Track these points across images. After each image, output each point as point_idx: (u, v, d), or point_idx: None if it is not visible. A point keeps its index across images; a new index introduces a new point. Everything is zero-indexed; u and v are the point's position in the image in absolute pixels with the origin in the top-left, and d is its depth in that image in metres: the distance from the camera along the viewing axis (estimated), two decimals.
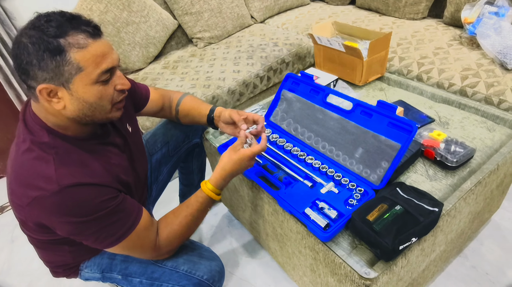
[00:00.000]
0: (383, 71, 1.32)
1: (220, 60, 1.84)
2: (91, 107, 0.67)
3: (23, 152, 0.66)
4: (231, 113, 0.94)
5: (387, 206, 0.76)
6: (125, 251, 0.76)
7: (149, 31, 1.89)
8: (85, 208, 0.65)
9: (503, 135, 1.00)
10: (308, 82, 1.05)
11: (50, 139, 0.67)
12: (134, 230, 0.73)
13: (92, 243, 0.71)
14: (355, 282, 0.72)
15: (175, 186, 1.43)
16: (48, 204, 0.63)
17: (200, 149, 1.26)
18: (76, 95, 0.64)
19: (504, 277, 1.11)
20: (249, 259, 1.30)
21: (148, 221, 0.77)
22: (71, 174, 0.65)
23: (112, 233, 0.71)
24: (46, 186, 0.63)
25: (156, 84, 1.72)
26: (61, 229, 0.68)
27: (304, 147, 1.02)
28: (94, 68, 0.63)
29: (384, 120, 0.86)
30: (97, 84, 0.65)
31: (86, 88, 0.64)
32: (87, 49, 0.62)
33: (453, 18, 1.73)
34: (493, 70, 1.35)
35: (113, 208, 0.69)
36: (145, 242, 0.77)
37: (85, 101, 0.65)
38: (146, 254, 0.80)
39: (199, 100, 1.07)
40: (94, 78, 0.64)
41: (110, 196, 0.69)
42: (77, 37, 0.61)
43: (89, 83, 0.64)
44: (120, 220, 0.71)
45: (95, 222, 0.67)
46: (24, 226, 0.77)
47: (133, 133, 0.91)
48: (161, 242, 0.79)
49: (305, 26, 2.11)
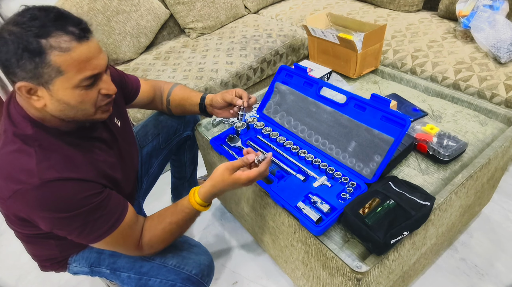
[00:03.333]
0: (377, 64, 1.31)
1: (213, 51, 1.82)
2: (73, 109, 0.64)
3: (5, 144, 0.64)
4: (223, 96, 0.94)
5: (379, 200, 0.76)
6: (109, 246, 0.75)
7: (140, 20, 1.85)
8: (67, 203, 0.64)
9: (495, 130, 1.00)
10: (302, 75, 1.03)
11: (33, 132, 0.65)
12: (118, 227, 0.72)
13: (76, 238, 0.70)
14: (347, 276, 0.72)
15: (167, 178, 1.41)
16: (29, 198, 0.62)
17: (192, 141, 1.24)
18: (56, 97, 0.61)
19: (493, 269, 1.13)
20: (241, 251, 1.30)
21: (133, 219, 0.76)
22: (53, 168, 0.63)
23: (95, 229, 0.69)
24: (27, 179, 0.61)
25: (148, 76, 1.69)
26: (43, 224, 0.66)
27: (297, 140, 1.02)
28: (76, 73, 0.59)
29: (378, 114, 0.85)
30: (79, 88, 0.61)
31: (67, 92, 0.60)
32: (70, 54, 0.57)
33: (448, 11, 1.72)
34: (487, 64, 1.35)
35: (97, 204, 0.67)
36: (128, 240, 0.75)
37: (66, 103, 0.62)
38: (129, 251, 0.79)
39: (190, 89, 1.06)
40: (75, 83, 0.60)
41: (93, 192, 0.67)
42: (60, 39, 0.57)
43: (69, 87, 0.60)
44: (104, 216, 0.69)
45: (78, 217, 0.66)
46: (9, 220, 0.76)
47: (122, 128, 0.89)
48: (144, 244, 0.78)
49: (299, 17, 2.08)
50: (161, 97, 1.06)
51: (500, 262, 1.14)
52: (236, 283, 1.21)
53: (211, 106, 0.99)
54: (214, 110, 0.99)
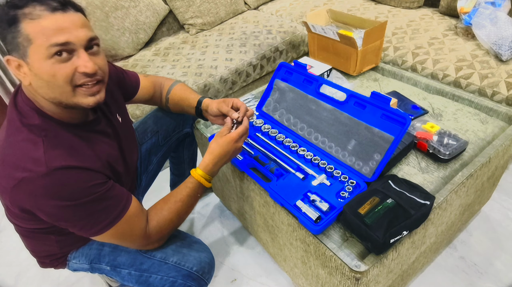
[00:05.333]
0: (377, 61, 1.30)
1: (212, 48, 1.80)
2: (48, 86, 0.62)
3: (12, 133, 0.64)
4: (219, 106, 0.92)
5: (379, 199, 0.75)
6: (114, 238, 0.74)
7: (139, 16, 1.83)
8: (73, 191, 0.63)
9: (495, 128, 0.99)
10: (302, 72, 1.02)
11: (40, 121, 0.65)
12: (123, 217, 0.71)
13: (79, 230, 0.69)
14: (346, 275, 0.72)
15: (165, 175, 1.41)
16: (35, 186, 0.61)
17: (191, 138, 1.24)
18: (33, 71, 0.61)
19: (492, 267, 1.13)
20: (240, 249, 1.30)
21: (138, 208, 0.75)
22: (60, 157, 0.63)
23: (100, 220, 0.68)
24: (34, 167, 0.61)
25: (147, 72, 1.68)
26: (47, 214, 0.65)
27: (296, 138, 1.01)
28: (44, 40, 0.58)
29: (378, 112, 0.85)
30: (51, 60, 0.60)
31: (40, 63, 0.60)
32: (39, 21, 0.58)
33: (449, 7, 1.71)
34: (488, 62, 1.34)
35: (102, 194, 0.67)
36: (134, 230, 0.74)
37: (40, 78, 0.61)
38: (136, 242, 0.77)
39: (189, 90, 1.05)
40: (45, 52, 0.59)
41: (99, 181, 0.67)
42: (34, 8, 0.58)
43: (42, 58, 0.59)
44: (109, 207, 0.69)
45: (83, 207, 0.65)
46: (10, 213, 0.75)
47: (123, 123, 0.89)
48: (151, 229, 0.77)
49: (299, 13, 2.06)
50: (161, 94, 1.06)
51: (499, 261, 1.14)
52: (234, 280, 1.21)
53: (206, 112, 0.98)
54: (209, 117, 0.98)
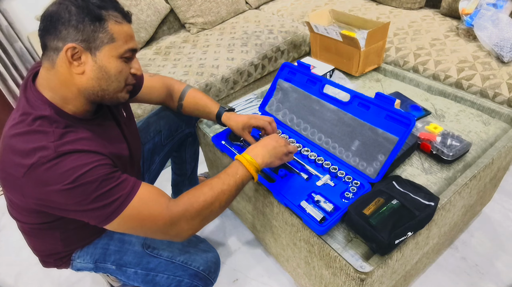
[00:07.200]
0: (380, 62, 1.30)
1: (213, 47, 1.80)
2: (109, 79, 0.69)
3: (22, 124, 0.64)
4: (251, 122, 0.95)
5: (384, 200, 0.75)
6: (131, 222, 0.67)
7: (140, 15, 1.82)
8: (83, 172, 0.62)
9: (498, 129, 1.00)
10: (305, 72, 1.02)
11: (51, 113, 0.66)
12: (136, 195, 0.66)
13: (92, 217, 0.65)
14: (350, 276, 0.72)
15: (167, 175, 1.40)
16: (45, 171, 0.61)
17: (193, 138, 1.24)
18: (99, 63, 0.66)
19: (493, 268, 1.13)
20: (243, 249, 1.30)
21: (152, 189, 0.70)
22: (69, 143, 0.64)
23: (112, 201, 0.64)
24: (42, 153, 0.61)
25: (148, 71, 1.68)
26: (58, 200, 0.63)
27: (300, 139, 1.01)
28: (123, 43, 0.68)
29: (382, 113, 0.85)
30: (121, 60, 0.69)
31: (111, 59, 0.67)
32: (122, 26, 0.68)
33: (451, 8, 1.71)
34: (489, 63, 1.35)
35: (110, 173, 0.65)
36: (153, 211, 0.67)
37: (106, 71, 0.67)
38: (160, 227, 0.68)
39: (204, 98, 1.04)
40: (120, 53, 0.68)
41: (107, 162, 0.66)
42: (116, 13, 0.67)
43: (114, 56, 0.67)
44: (120, 184, 0.65)
45: (92, 185, 0.62)
46: (14, 208, 0.74)
47: (128, 119, 0.89)
48: (176, 214, 0.68)
49: (300, 13, 2.06)
50: (172, 98, 1.05)
51: (500, 261, 1.15)
52: (236, 280, 1.21)
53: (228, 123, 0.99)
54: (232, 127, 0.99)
